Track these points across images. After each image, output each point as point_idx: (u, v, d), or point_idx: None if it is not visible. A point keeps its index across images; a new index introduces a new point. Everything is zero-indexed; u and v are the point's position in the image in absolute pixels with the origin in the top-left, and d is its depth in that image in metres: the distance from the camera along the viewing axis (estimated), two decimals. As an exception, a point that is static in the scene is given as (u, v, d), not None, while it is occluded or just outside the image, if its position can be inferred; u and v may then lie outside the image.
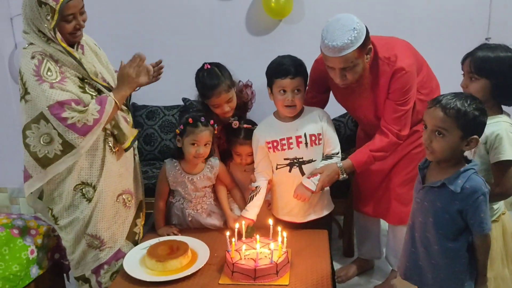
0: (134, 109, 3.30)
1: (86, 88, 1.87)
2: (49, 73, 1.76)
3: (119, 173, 2.00)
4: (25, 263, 1.96)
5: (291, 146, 2.05)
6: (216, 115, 2.18)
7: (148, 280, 1.77)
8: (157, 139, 3.21)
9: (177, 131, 2.07)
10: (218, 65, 2.17)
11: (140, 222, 2.17)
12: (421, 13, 2.96)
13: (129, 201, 2.06)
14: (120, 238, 2.03)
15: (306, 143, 2.05)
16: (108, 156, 1.94)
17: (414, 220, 1.65)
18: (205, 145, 2.05)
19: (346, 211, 2.69)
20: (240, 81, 2.27)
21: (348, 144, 2.67)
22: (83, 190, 1.91)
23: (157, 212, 2.22)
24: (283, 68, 1.98)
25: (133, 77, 1.89)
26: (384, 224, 2.51)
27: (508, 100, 1.73)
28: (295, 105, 2.01)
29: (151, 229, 2.26)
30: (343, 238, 2.82)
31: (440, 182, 1.52)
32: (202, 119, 2.04)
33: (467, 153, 1.60)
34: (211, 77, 2.11)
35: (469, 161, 1.53)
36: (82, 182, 1.90)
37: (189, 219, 2.19)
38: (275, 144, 2.06)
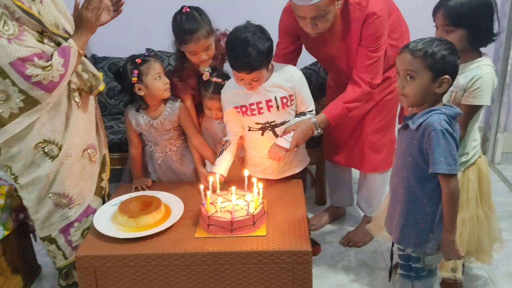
0: (94, 61, 3.12)
1: (44, 41, 1.72)
2: (5, 27, 1.62)
3: (84, 128, 1.91)
4: (-12, 225, 1.87)
5: (261, 111, 1.95)
6: (192, 64, 2.08)
7: (120, 237, 1.71)
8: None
9: (134, 79, 1.98)
10: (197, 9, 2.01)
11: (106, 176, 2.11)
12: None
13: (94, 155, 1.98)
14: (88, 194, 1.97)
15: (278, 106, 1.95)
16: (74, 111, 1.85)
17: (391, 168, 1.65)
18: (164, 74, 2.04)
19: (318, 161, 2.68)
20: (217, 29, 2.14)
21: (320, 93, 2.62)
22: (45, 148, 1.80)
23: (131, 161, 2.20)
24: (238, 63, 1.81)
25: (92, 21, 1.76)
26: (355, 171, 2.52)
27: (484, 43, 1.71)
28: (253, 87, 1.89)
29: (121, 185, 2.21)
30: (315, 187, 2.83)
31: (405, 123, 1.51)
32: (146, 53, 2.02)
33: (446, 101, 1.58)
34: (189, 21, 1.96)
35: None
36: (44, 140, 1.79)
37: (158, 162, 2.16)
38: (243, 109, 1.96)
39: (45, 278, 2.23)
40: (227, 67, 2.06)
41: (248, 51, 1.77)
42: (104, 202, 2.07)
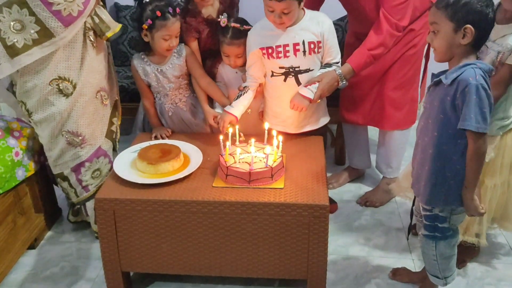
0: (116, 9, 3.09)
1: None
2: None
3: (99, 70, 1.94)
4: (10, 164, 1.90)
5: (288, 54, 1.91)
6: (196, 5, 2.03)
7: (139, 182, 1.73)
8: (143, 43, 3.03)
9: (145, 26, 1.93)
10: None
11: (117, 121, 2.14)
12: None
13: (106, 99, 2.01)
14: (99, 135, 2.01)
15: (304, 51, 1.90)
16: (89, 51, 1.87)
17: (418, 126, 1.60)
18: (176, 36, 1.97)
19: (339, 120, 2.64)
20: None
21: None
22: (60, 85, 1.83)
23: (146, 112, 2.20)
24: None
25: None
26: (372, 134, 2.48)
27: None
28: (283, 23, 1.84)
29: (141, 133, 2.23)
30: (335, 147, 2.80)
31: (437, 78, 1.46)
32: (170, 9, 1.91)
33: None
34: None
35: None
36: (59, 76, 1.82)
37: (169, 114, 2.15)
38: (270, 51, 1.92)
39: (65, 220, 2.29)
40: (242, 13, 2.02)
41: None
42: (114, 146, 2.13)
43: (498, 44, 1.62)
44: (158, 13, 1.90)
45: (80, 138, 1.93)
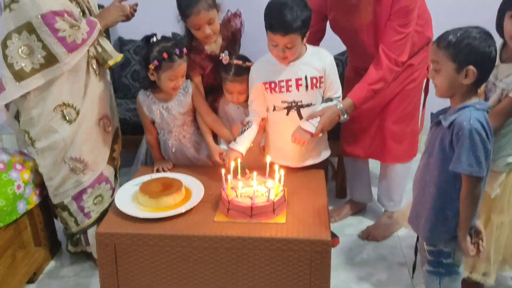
0: (121, 43, 3.15)
1: (73, 3, 1.83)
2: None
3: (101, 97, 2.00)
4: (12, 198, 1.90)
5: (290, 88, 1.93)
6: (199, 43, 2.06)
7: (141, 216, 1.72)
8: (146, 76, 3.08)
9: (151, 67, 1.93)
10: None
11: (118, 148, 2.18)
12: None
13: (108, 126, 2.07)
14: (101, 161, 2.05)
15: (307, 86, 1.93)
16: (92, 79, 1.94)
17: (419, 165, 1.61)
18: (182, 76, 1.99)
19: (339, 153, 2.65)
20: (228, 10, 2.13)
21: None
22: (64, 111, 1.88)
23: (149, 147, 2.22)
24: (274, 22, 1.78)
25: (118, 19, 1.98)
26: (374, 167, 2.48)
27: None
28: (286, 57, 1.87)
29: (142, 166, 2.24)
30: (336, 180, 2.80)
31: (438, 119, 1.47)
32: (177, 51, 1.92)
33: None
34: None
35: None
36: (63, 103, 1.88)
37: (173, 150, 2.15)
38: (272, 85, 1.95)
39: (65, 254, 2.27)
40: (243, 50, 2.06)
41: (285, 12, 1.76)
42: (116, 173, 2.16)
43: (504, 82, 1.64)
44: (165, 55, 1.90)
45: (83, 164, 1.96)
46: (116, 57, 1.97)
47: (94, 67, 1.95)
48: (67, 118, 1.89)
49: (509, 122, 1.68)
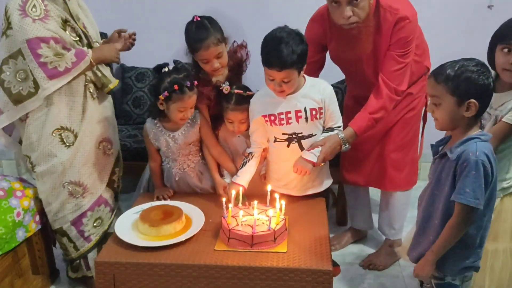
0: (123, 70, 3.18)
1: (67, 31, 1.88)
2: (33, 9, 1.78)
3: (99, 120, 2.03)
4: (11, 225, 1.88)
5: (290, 121, 1.94)
6: (206, 74, 2.08)
7: (141, 245, 1.71)
8: (147, 102, 3.11)
9: (161, 97, 1.93)
10: (208, 18, 2.02)
11: (119, 171, 2.19)
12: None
13: (109, 149, 2.09)
14: (100, 184, 2.07)
15: (306, 118, 1.93)
16: (89, 102, 1.97)
17: (422, 197, 1.60)
18: (192, 107, 2.00)
19: (340, 181, 2.65)
20: (234, 41, 2.16)
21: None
22: (62, 135, 1.91)
23: (151, 174, 2.21)
24: (269, 58, 1.79)
25: (118, 51, 2.02)
26: (374, 196, 2.47)
27: None
28: (283, 91, 1.88)
29: (142, 194, 2.22)
30: (336, 207, 2.79)
31: (443, 151, 1.47)
32: (188, 83, 1.93)
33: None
34: (199, 29, 1.97)
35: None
36: (61, 126, 1.91)
37: (176, 178, 2.15)
38: (272, 118, 1.95)
39: (62, 282, 2.24)
40: (245, 81, 2.08)
41: (281, 47, 1.76)
42: (116, 196, 2.17)
43: (499, 110, 1.67)
44: (176, 87, 1.90)
45: (82, 188, 1.98)
46: (114, 82, 2.01)
47: (91, 90, 1.98)
48: (65, 142, 1.92)
49: (503, 147, 1.69)
